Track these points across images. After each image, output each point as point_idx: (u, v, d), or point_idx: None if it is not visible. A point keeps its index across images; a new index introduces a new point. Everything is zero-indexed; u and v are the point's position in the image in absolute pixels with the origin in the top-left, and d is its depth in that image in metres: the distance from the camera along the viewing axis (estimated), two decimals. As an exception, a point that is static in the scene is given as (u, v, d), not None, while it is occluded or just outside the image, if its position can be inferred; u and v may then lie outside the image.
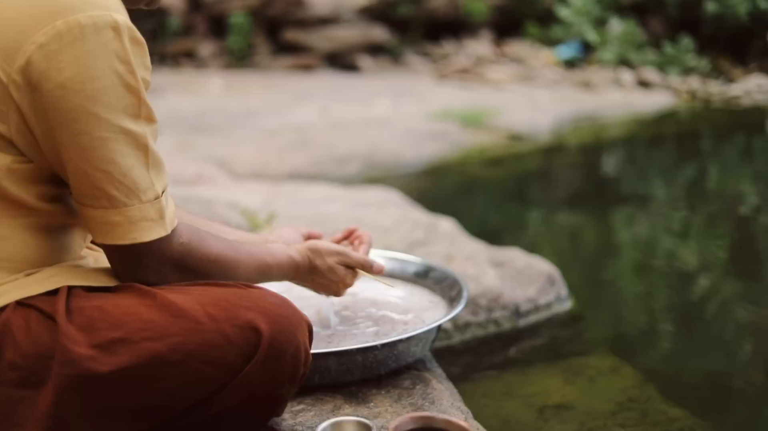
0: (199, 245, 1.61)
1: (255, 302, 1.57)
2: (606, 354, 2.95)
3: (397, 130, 6.46)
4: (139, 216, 1.48)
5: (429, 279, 2.42)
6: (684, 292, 3.69)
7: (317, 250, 1.96)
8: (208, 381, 1.55)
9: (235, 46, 10.49)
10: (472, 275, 2.97)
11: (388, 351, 2.04)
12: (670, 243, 4.43)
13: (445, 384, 2.12)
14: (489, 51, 11.35)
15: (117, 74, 1.43)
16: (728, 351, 3.11)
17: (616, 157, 7.00)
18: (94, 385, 1.47)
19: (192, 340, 1.51)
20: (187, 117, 7.07)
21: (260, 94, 8.39)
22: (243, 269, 1.72)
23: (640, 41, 10.73)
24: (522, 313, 2.99)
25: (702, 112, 8.69)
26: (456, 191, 5.75)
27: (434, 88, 8.95)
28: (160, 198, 1.50)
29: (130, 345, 1.49)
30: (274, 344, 1.55)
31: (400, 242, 3.20)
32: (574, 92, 8.96)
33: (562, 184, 6.08)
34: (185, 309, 1.53)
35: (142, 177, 1.47)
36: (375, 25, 11.16)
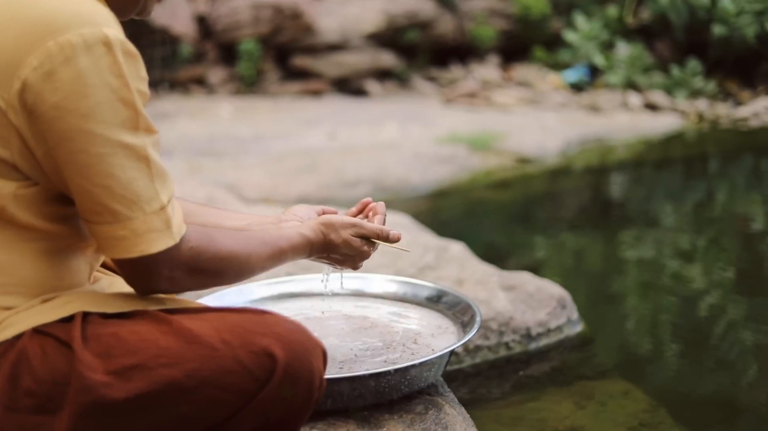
0: (208, 246, 1.60)
1: (270, 328, 1.57)
2: (617, 378, 2.96)
3: (405, 153, 6.48)
4: (144, 228, 1.48)
5: (441, 304, 2.42)
6: (694, 314, 3.69)
7: (331, 224, 1.92)
8: (223, 406, 1.55)
9: (244, 72, 10.54)
10: (483, 299, 2.98)
11: (401, 377, 2.04)
12: (679, 265, 4.44)
13: (457, 409, 2.12)
14: (496, 75, 11.38)
15: (111, 89, 1.43)
16: (739, 373, 3.11)
17: (624, 179, 7.01)
18: (109, 412, 1.47)
19: (207, 366, 1.51)
20: (196, 142, 7.10)
21: (269, 119, 8.42)
22: (255, 259, 1.71)
23: (648, 64, 10.75)
24: (533, 337, 2.99)
25: (710, 134, 8.70)
26: (464, 214, 5.76)
27: (442, 112, 8.97)
28: (166, 208, 1.49)
29: (145, 371, 1.49)
30: (289, 370, 1.55)
31: (411, 266, 3.20)
32: (581, 115, 8.98)
33: (570, 206, 6.09)
34: (200, 335, 1.53)
35: (144, 188, 1.48)
36: (383, 50, 11.20)
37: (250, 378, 1.54)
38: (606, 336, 3.33)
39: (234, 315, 1.60)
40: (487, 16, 11.87)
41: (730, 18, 10.32)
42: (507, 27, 12.07)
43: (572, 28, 11.51)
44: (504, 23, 12.07)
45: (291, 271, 3.08)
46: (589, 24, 11.38)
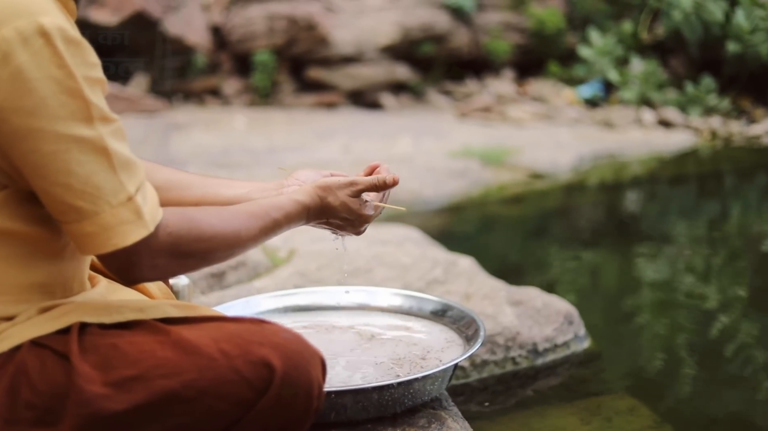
0: (189, 229, 1.55)
1: (268, 338, 1.58)
2: (623, 394, 2.96)
3: (418, 167, 6.49)
4: (113, 221, 1.43)
5: (446, 318, 2.43)
6: (705, 332, 3.69)
7: (327, 187, 1.84)
8: (222, 417, 1.56)
9: (259, 83, 10.58)
10: (490, 314, 2.98)
11: (404, 390, 2.05)
12: (691, 283, 4.43)
13: (460, 423, 2.12)
14: (511, 90, 11.39)
15: (55, 81, 1.38)
16: (749, 392, 3.11)
17: (636, 195, 7.01)
18: (108, 424, 1.47)
19: (205, 377, 1.52)
20: (211, 153, 7.14)
21: (283, 131, 8.45)
22: (245, 235, 1.67)
23: (662, 81, 10.74)
24: (540, 352, 2.99)
25: (723, 152, 8.69)
26: (476, 229, 5.77)
27: (456, 126, 8.99)
28: (134, 198, 1.44)
29: (144, 382, 1.49)
30: (287, 379, 1.56)
31: (419, 280, 3.21)
32: (595, 131, 8.98)
33: (582, 222, 6.09)
34: (199, 346, 1.53)
35: (106, 181, 1.42)
36: (398, 63, 11.23)
37: (249, 387, 1.54)
38: (614, 353, 3.33)
39: (232, 325, 1.61)
40: (502, 30, 11.89)
41: (744, 35, 10.31)
42: (522, 41, 12.09)
43: (587, 43, 11.51)
44: (519, 37, 12.09)
45: (298, 284, 3.10)
46: (603, 39, 11.39)
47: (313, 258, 3.43)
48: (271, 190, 1.99)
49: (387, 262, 3.39)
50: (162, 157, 6.86)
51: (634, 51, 11.38)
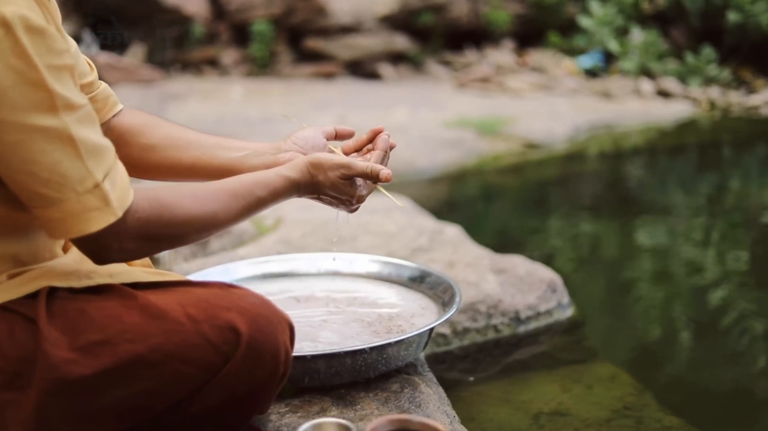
0: (161, 214, 1.54)
1: (235, 302, 1.59)
2: (605, 362, 2.96)
3: (412, 137, 6.47)
4: (79, 208, 1.43)
5: (424, 285, 2.44)
6: (696, 303, 3.69)
7: (319, 164, 1.78)
8: (188, 380, 1.57)
9: (257, 53, 10.55)
10: (472, 281, 2.99)
11: (378, 355, 2.06)
12: (687, 253, 4.42)
13: (434, 388, 2.13)
14: (510, 60, 11.34)
15: (16, 72, 1.37)
16: (730, 361, 3.12)
17: (631, 165, 6.99)
18: (75, 388, 1.49)
19: (172, 341, 1.53)
20: (206, 123, 7.11)
21: (280, 101, 8.43)
22: (224, 216, 1.65)
23: (662, 51, 10.69)
24: (522, 320, 3.00)
25: (721, 122, 8.66)
26: (469, 198, 5.77)
27: (453, 97, 8.95)
28: (101, 185, 1.44)
29: (111, 347, 1.50)
30: (253, 344, 1.57)
31: (403, 248, 3.21)
32: (593, 101, 8.94)
33: (575, 192, 6.08)
34: (166, 310, 1.54)
35: (72, 169, 1.42)
36: (397, 33, 11.18)
37: (215, 352, 1.55)
38: (599, 322, 3.34)
39: (200, 290, 1.61)
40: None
41: (745, 5, 10.25)
42: (522, 11, 12.03)
43: (587, 13, 11.45)
44: (519, 7, 12.03)
45: (282, 251, 3.10)
46: (603, 9, 11.32)
47: (299, 226, 3.44)
48: (268, 154, 1.94)
49: (372, 230, 3.39)
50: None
51: (634, 21, 11.32)
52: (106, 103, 1.87)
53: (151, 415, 1.60)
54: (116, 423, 1.58)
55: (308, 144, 1.95)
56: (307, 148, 1.95)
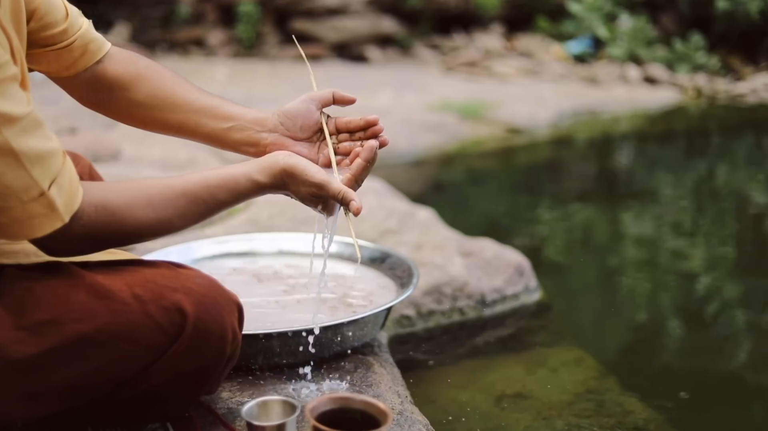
0: (108, 222, 1.52)
1: (182, 283, 1.58)
2: (571, 346, 2.96)
3: (393, 120, 6.45)
4: (24, 215, 1.42)
5: (384, 265, 2.43)
6: (670, 290, 3.69)
7: (293, 176, 1.69)
8: (134, 360, 1.57)
9: (243, 35, 10.51)
10: (438, 263, 2.98)
11: (333, 334, 2.05)
12: (663, 240, 4.42)
13: (388, 368, 2.13)
14: (499, 45, 11.32)
15: None
16: (697, 347, 3.12)
17: (613, 151, 6.99)
18: (21, 367, 1.49)
19: (118, 321, 1.53)
20: (188, 104, 7.09)
21: (265, 82, 8.41)
22: (179, 222, 1.62)
23: (651, 38, 10.68)
24: (488, 303, 2.99)
25: (706, 110, 8.66)
26: (447, 182, 5.76)
27: (439, 81, 8.94)
28: (47, 193, 1.42)
29: (57, 326, 1.50)
30: (200, 325, 1.57)
31: (372, 230, 3.21)
32: (578, 87, 8.94)
33: (555, 177, 6.08)
34: (112, 290, 1.54)
35: (16, 180, 1.39)
36: (384, 16, 11.15)
37: (161, 332, 1.55)
38: (567, 306, 3.33)
39: (148, 270, 1.61)
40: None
41: (734, -8, 10.26)
42: (511, -4, 12.01)
43: (576, -2, 11.43)
44: (508, -8, 12.01)
45: (249, 232, 3.09)
46: (593, -5, 11.31)
47: (267, 207, 3.43)
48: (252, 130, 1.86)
49: (342, 212, 3.37)
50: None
51: (624, 7, 11.30)
52: (85, 50, 1.81)
53: (98, 394, 1.60)
54: (63, 402, 1.58)
55: (296, 124, 1.87)
56: (293, 129, 1.86)
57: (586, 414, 2.46)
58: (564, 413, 2.46)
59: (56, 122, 5.23)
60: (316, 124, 1.90)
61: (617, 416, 2.45)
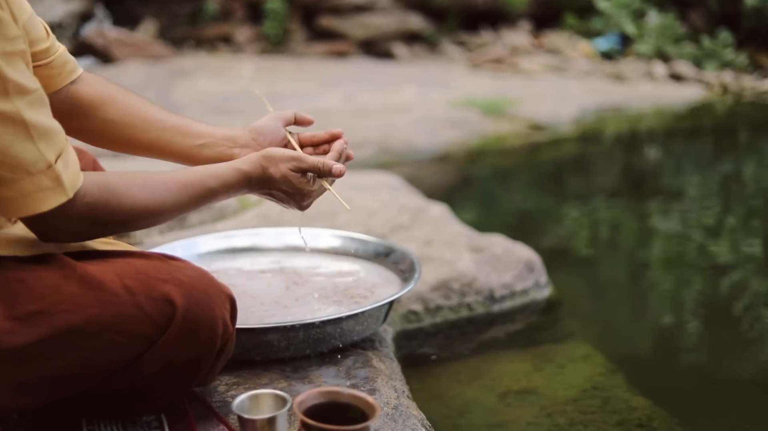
0: (108, 201, 1.57)
1: (172, 275, 1.60)
2: (579, 343, 2.95)
3: (415, 116, 6.45)
4: (31, 188, 1.46)
5: (389, 260, 2.44)
6: (683, 286, 3.66)
7: (271, 157, 1.81)
8: (124, 351, 1.59)
9: (270, 31, 10.54)
10: (447, 259, 2.98)
11: (332, 329, 2.06)
12: (680, 236, 4.38)
13: (387, 363, 2.14)
14: (526, 41, 11.27)
15: None
16: (707, 346, 3.10)
17: (635, 147, 6.94)
18: (12, 357, 1.51)
19: (108, 312, 1.55)
20: (212, 100, 7.13)
21: (290, 79, 8.42)
22: (172, 206, 1.68)
23: (678, 34, 10.59)
24: (496, 299, 2.99)
25: (732, 106, 8.57)
26: (466, 178, 5.75)
27: (465, 77, 8.91)
28: (54, 166, 1.47)
29: (48, 317, 1.52)
30: (189, 316, 1.59)
31: (383, 225, 3.21)
32: (604, 84, 8.88)
33: (576, 173, 6.05)
34: (103, 281, 1.56)
35: (24, 151, 1.45)
36: (411, 13, 11.13)
37: (150, 323, 1.57)
38: (575, 302, 3.32)
39: (140, 261, 1.63)
40: (518, -20, 11.76)
41: (762, -12, 10.16)
42: (539, -8, 11.95)
43: (604, -6, 11.35)
44: (536, -11, 11.95)
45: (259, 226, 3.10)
46: (621, -9, 11.22)
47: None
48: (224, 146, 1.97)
49: (355, 207, 3.38)
50: (163, 101, 6.83)
51: (652, 4, 11.21)
52: (62, 69, 1.88)
53: (89, 385, 1.62)
54: (54, 392, 1.61)
55: (266, 139, 1.99)
56: (264, 143, 1.98)
57: (591, 410, 2.46)
58: (568, 409, 2.46)
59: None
60: (282, 140, 2.03)
61: (622, 412, 2.45)
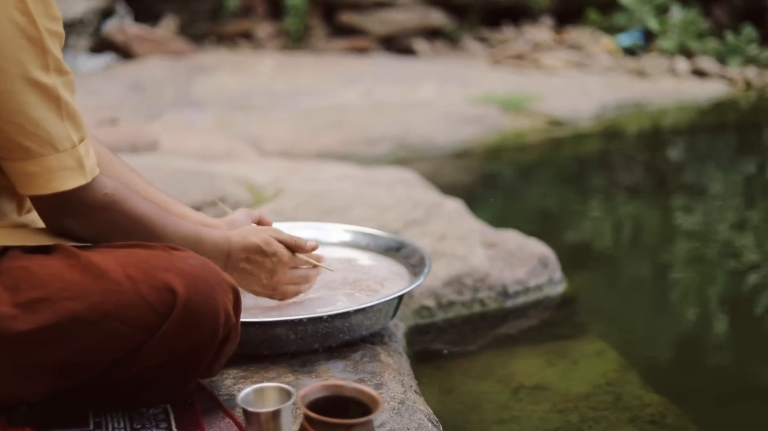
0: (124, 199, 1.64)
1: (174, 264, 1.61)
2: (593, 339, 2.94)
3: (434, 112, 6.43)
4: (56, 165, 1.52)
5: (399, 254, 2.43)
6: (702, 284, 3.62)
7: (251, 228, 1.99)
8: (126, 340, 1.60)
9: (291, 27, 10.53)
10: (460, 255, 2.97)
11: (340, 323, 2.06)
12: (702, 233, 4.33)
13: (395, 357, 2.13)
14: (548, 37, 11.21)
15: (17, 26, 1.46)
16: (723, 343, 3.09)
17: (656, 143, 6.89)
18: (16, 343, 1.53)
19: (110, 300, 1.56)
20: (231, 95, 7.14)
21: (309, 75, 8.42)
22: (171, 232, 1.74)
23: (702, 30, 10.51)
24: (509, 294, 2.98)
25: (755, 102, 8.49)
26: (484, 174, 5.73)
27: (485, 73, 8.87)
28: (78, 147, 1.53)
29: (50, 304, 1.54)
30: (190, 305, 1.59)
31: (396, 220, 3.20)
32: (625, 80, 8.81)
33: (595, 168, 6.01)
34: (106, 270, 1.58)
35: (55, 127, 1.51)
36: (432, 9, 11.09)
37: (151, 312, 1.58)
38: (591, 298, 3.29)
39: (143, 251, 1.64)
40: (540, -24, 11.70)
41: (788, -16, 10.07)
42: (561, -12, 11.88)
43: (627, -10, 11.27)
44: (558, -16, 11.88)
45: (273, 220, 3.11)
46: (644, -14, 11.14)
47: (294, 197, 3.44)
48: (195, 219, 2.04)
49: (368, 202, 3.38)
50: (183, 97, 6.88)
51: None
52: None
53: (92, 373, 1.63)
54: (58, 380, 1.62)
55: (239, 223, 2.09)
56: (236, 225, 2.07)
57: (603, 407, 2.45)
58: (580, 405, 2.46)
59: (97, 113, 5.30)
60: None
61: (634, 409, 2.44)
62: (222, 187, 3.49)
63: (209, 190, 3.37)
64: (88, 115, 1.62)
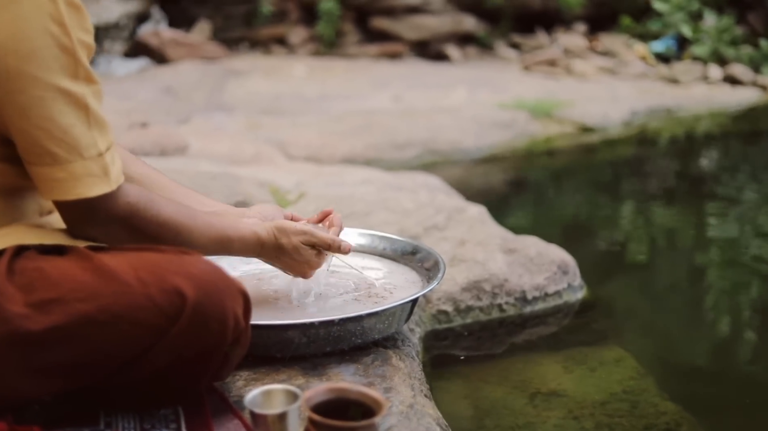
0: (148, 207, 1.68)
1: (184, 268, 1.63)
2: (612, 346, 2.93)
3: (463, 117, 6.43)
4: (82, 172, 1.56)
5: (415, 259, 2.44)
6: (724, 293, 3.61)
7: (284, 229, 1.99)
8: (135, 341, 1.62)
9: (324, 32, 10.58)
10: (479, 260, 2.97)
11: (353, 326, 2.07)
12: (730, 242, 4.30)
13: (407, 362, 2.14)
14: (581, 43, 11.17)
15: (51, 35, 1.51)
16: (743, 353, 3.06)
17: (686, 150, 6.85)
18: (28, 342, 1.56)
19: (120, 302, 1.59)
20: (262, 100, 7.18)
21: (340, 80, 8.45)
22: (197, 237, 1.79)
23: (736, 37, 10.43)
24: (528, 300, 2.98)
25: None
26: (512, 180, 5.72)
27: (517, 79, 8.85)
28: (104, 155, 1.58)
29: (62, 305, 1.57)
30: (199, 308, 1.61)
31: (417, 225, 3.21)
32: (657, 86, 8.76)
33: (624, 176, 5.99)
34: (117, 272, 1.60)
35: (83, 134, 1.55)
36: (465, 14, 11.09)
37: (161, 314, 1.60)
38: (611, 305, 3.28)
39: (154, 255, 1.66)
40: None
41: (825, -10, 9.97)
42: (595, -6, 11.84)
43: (662, -4, 11.21)
44: (591, -9, 11.84)
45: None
46: (679, -7, 11.07)
47: (315, 201, 3.46)
48: (231, 214, 2.09)
49: (389, 207, 3.40)
50: (214, 101, 6.94)
51: (710, 5, 11.05)
52: None
53: (102, 375, 1.65)
54: (69, 380, 1.65)
55: (270, 216, 2.11)
56: (268, 218, 2.10)
57: (619, 414, 2.44)
58: (596, 412, 2.45)
59: (128, 117, 5.36)
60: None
61: (650, 417, 2.43)
62: (245, 190, 3.52)
63: (231, 192, 3.40)
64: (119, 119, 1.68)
